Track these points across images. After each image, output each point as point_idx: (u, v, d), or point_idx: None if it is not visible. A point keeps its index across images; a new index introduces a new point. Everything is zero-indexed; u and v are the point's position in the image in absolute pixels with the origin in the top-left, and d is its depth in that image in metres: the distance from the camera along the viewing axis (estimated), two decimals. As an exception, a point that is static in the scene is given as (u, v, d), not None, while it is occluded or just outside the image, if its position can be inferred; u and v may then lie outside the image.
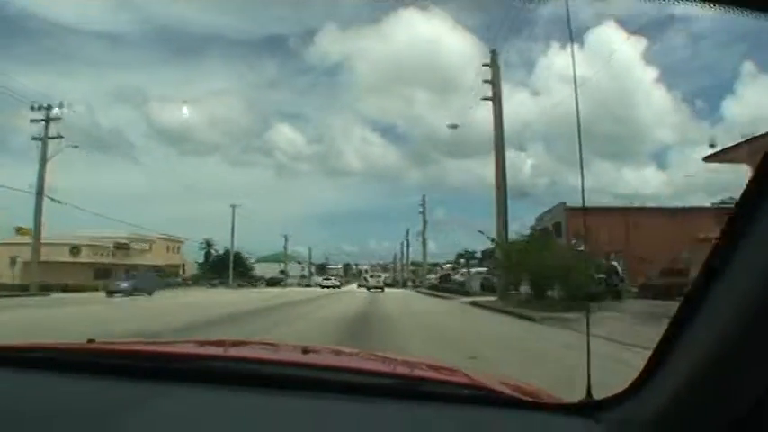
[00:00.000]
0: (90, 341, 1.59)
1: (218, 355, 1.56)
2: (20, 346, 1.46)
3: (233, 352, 1.67)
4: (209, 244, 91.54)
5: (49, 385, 1.22)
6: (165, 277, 58.15)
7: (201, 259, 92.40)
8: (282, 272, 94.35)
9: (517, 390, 1.30)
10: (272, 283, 75.13)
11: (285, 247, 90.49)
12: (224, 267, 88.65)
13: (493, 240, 27.35)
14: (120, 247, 64.21)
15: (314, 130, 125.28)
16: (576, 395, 1.15)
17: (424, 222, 58.33)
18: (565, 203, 38.30)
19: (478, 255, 63.45)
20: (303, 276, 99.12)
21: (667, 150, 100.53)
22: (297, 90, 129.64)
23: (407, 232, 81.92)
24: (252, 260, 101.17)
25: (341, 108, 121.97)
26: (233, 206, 78.71)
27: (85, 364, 1.31)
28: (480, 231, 32.83)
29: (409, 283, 73.74)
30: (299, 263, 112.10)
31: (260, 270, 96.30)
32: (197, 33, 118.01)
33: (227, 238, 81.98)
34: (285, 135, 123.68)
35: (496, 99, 29.08)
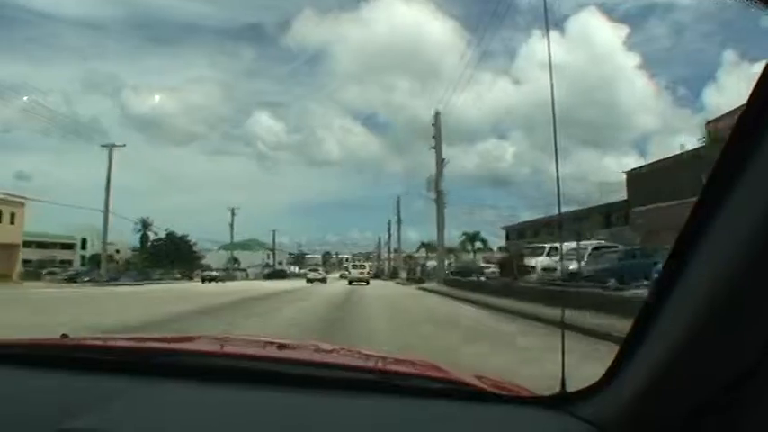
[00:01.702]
0: (63, 336, 1.58)
1: (195, 350, 1.57)
2: None
3: (210, 347, 1.69)
4: (145, 225, 72.95)
5: (23, 381, 1.22)
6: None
7: (139, 244, 74.03)
8: (233, 262, 75.54)
9: (492, 384, 1.31)
10: (210, 278, 57.04)
11: (232, 226, 72.98)
12: (164, 255, 70.79)
13: None
14: None
15: (294, 118, 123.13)
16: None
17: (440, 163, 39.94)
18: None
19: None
20: (267, 266, 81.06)
21: (649, 138, 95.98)
22: (276, 78, 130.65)
23: (398, 201, 69.69)
24: (215, 248, 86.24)
25: (321, 96, 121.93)
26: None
27: (59, 359, 1.30)
28: None
29: (402, 275, 58.62)
30: (269, 251, 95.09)
31: (218, 259, 79.79)
32: (176, 21, 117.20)
33: (191, 226, 68.99)
34: (265, 124, 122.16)
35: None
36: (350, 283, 42.76)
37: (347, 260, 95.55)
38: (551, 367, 1.26)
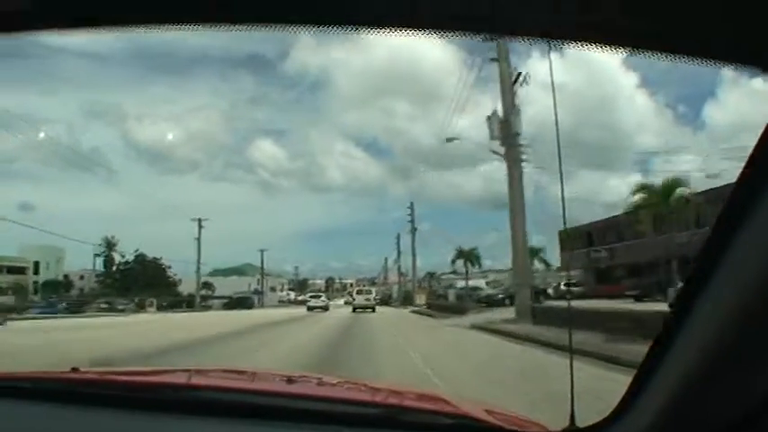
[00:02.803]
0: (74, 369, 1.54)
1: (203, 385, 1.53)
2: (1, 375, 1.45)
3: (216, 382, 1.66)
4: (109, 245, 61.39)
5: (32, 415, 1.22)
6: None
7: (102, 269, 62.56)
8: (204, 288, 63.22)
9: (502, 419, 1.30)
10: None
11: (198, 240, 59.11)
12: (134, 280, 59.35)
13: None
14: None
15: (296, 145, 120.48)
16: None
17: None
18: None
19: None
20: (256, 293, 69.26)
21: (651, 157, 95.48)
22: (278, 106, 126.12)
23: (411, 206, 58.40)
24: (206, 272, 73.81)
25: (323, 123, 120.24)
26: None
27: (70, 394, 1.30)
28: None
29: (417, 301, 48.21)
30: (266, 275, 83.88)
31: (217, 286, 68.53)
32: (179, 52, 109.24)
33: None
34: (267, 151, 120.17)
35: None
36: (354, 310, 38.29)
37: (351, 285, 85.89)
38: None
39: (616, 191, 76.29)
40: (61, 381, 1.42)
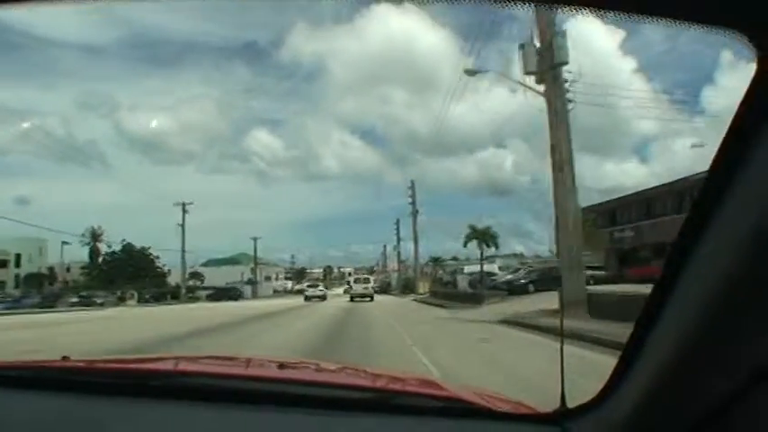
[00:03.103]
0: (64, 358, 1.54)
1: (195, 371, 1.54)
2: None
3: (210, 368, 1.67)
4: (94, 236, 58.11)
5: (25, 403, 1.22)
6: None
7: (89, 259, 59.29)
8: (191, 279, 59.89)
9: (492, 401, 1.32)
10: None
11: (183, 227, 55.25)
12: (120, 271, 56.16)
13: None
14: None
15: (292, 134, 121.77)
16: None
17: None
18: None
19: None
20: (249, 282, 66.16)
21: (649, 143, 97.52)
22: (274, 95, 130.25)
23: (412, 185, 55.42)
24: (200, 262, 72.67)
25: (319, 111, 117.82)
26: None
27: (61, 382, 1.30)
28: None
29: (420, 289, 45.10)
30: (261, 264, 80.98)
31: (210, 276, 66.33)
32: (173, 41, 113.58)
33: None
34: (263, 141, 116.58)
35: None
36: (351, 299, 36.66)
37: (349, 274, 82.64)
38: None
39: (612, 176, 74.39)
40: (52, 369, 1.43)
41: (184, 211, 53.39)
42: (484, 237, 40.88)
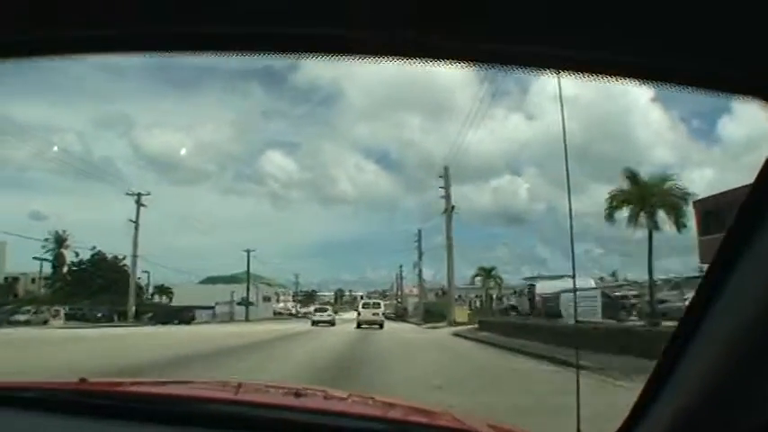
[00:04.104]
0: (82, 380, 1.52)
1: (211, 398, 1.54)
2: (9, 385, 1.44)
3: (226, 394, 1.66)
4: (59, 241, 49.08)
5: (41, 425, 1.21)
6: None
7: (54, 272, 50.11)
8: (161, 291, 49.54)
9: None
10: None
11: (136, 226, 44.03)
12: (87, 284, 47.01)
13: None
14: None
15: (307, 158, 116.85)
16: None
17: None
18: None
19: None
20: (243, 302, 56.58)
21: (665, 172, 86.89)
22: (290, 118, 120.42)
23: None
24: (195, 281, 63.15)
25: (334, 135, 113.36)
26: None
27: (77, 405, 1.29)
28: None
29: (458, 317, 33.30)
30: (266, 284, 71.93)
31: (186, 293, 54.43)
32: (192, 63, 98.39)
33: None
34: (279, 163, 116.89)
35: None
36: (359, 326, 32.18)
37: (361, 297, 72.52)
38: None
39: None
40: (69, 391, 1.42)
41: (139, 204, 42.82)
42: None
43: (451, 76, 76.16)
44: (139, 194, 42.58)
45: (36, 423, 1.21)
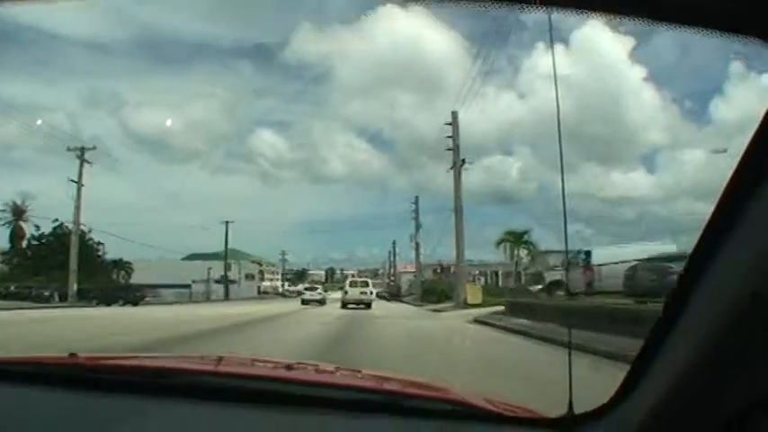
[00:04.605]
0: (72, 355, 1.51)
1: (204, 370, 1.54)
2: (1, 360, 1.44)
3: (219, 367, 1.66)
4: (16, 212, 44.03)
5: (32, 399, 1.21)
6: None
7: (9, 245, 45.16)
8: (118, 266, 44.33)
9: (501, 406, 1.30)
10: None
11: (79, 190, 38.30)
12: (47, 260, 42.22)
13: None
14: None
15: (298, 136, 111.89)
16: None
17: None
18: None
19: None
20: (223, 280, 52.05)
21: (656, 153, 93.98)
22: (281, 96, 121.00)
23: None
24: (179, 257, 59.09)
25: (326, 114, 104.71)
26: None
27: (68, 379, 1.29)
28: None
29: (470, 298, 27.43)
30: (254, 262, 67.60)
31: (166, 269, 49.71)
32: (182, 41, 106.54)
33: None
34: (269, 141, 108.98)
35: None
36: (344, 306, 29.20)
37: (352, 276, 68.65)
38: None
39: (620, 185, 70.34)
40: (59, 365, 1.42)
41: (82, 161, 36.79)
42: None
43: (443, 53, 74.04)
44: (83, 148, 36.75)
45: (26, 396, 1.21)
